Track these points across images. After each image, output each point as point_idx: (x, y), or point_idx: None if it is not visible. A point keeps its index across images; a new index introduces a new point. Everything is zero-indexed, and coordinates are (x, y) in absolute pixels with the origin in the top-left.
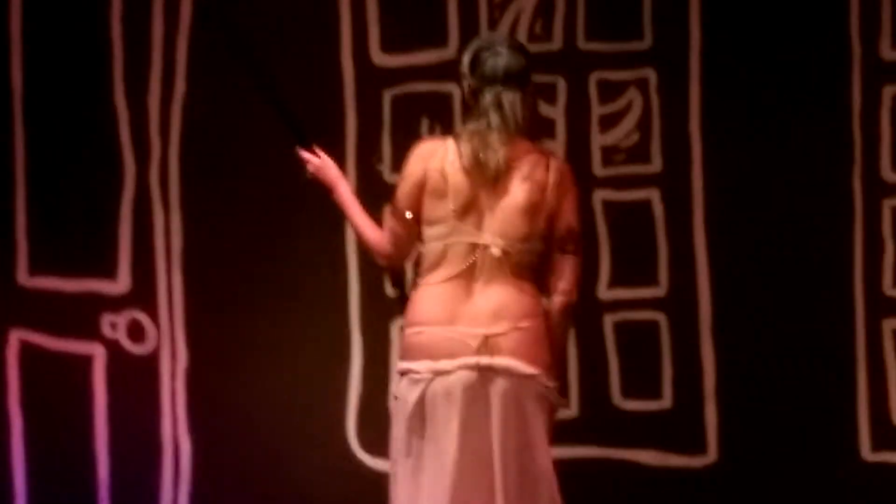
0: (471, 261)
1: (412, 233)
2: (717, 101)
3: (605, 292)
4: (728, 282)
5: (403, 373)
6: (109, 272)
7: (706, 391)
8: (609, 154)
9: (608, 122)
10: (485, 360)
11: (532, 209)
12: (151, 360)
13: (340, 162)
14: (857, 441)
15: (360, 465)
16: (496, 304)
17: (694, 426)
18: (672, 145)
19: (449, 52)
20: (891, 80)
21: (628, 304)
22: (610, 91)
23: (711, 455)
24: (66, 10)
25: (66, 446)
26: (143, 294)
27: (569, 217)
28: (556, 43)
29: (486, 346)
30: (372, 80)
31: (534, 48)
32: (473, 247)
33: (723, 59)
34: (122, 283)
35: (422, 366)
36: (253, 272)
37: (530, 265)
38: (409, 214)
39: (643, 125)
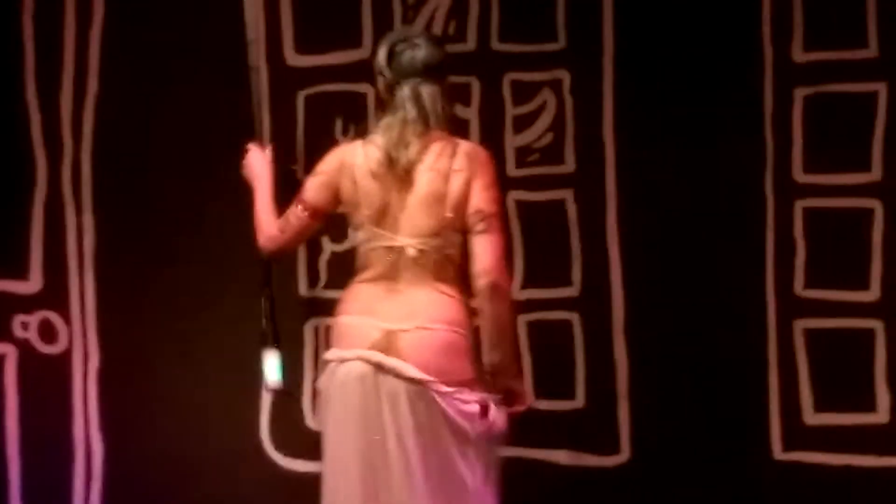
0: (388, 263)
1: (304, 228)
2: (631, 103)
3: (518, 292)
4: (640, 282)
5: (322, 364)
6: (21, 272)
7: (619, 391)
8: (523, 155)
9: (522, 123)
10: (377, 355)
11: (434, 200)
12: (63, 360)
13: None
14: (769, 440)
15: (273, 466)
16: (411, 304)
17: (607, 426)
18: (585, 146)
19: (363, 53)
20: (803, 83)
21: (542, 304)
22: (524, 92)
23: (625, 454)
24: None
25: None
26: (54, 294)
27: (475, 198)
28: (471, 44)
29: (385, 341)
30: (286, 80)
31: (448, 49)
32: (390, 249)
33: (636, 60)
34: (33, 283)
35: (331, 354)
36: (165, 272)
37: (451, 263)
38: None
39: (557, 126)
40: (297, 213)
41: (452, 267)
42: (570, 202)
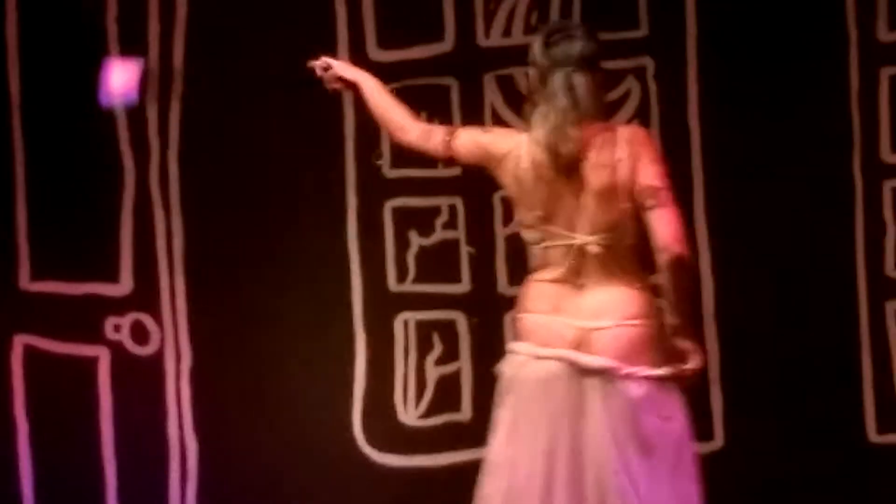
0: (570, 262)
1: (433, 153)
2: (715, 88)
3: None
4: (730, 266)
5: (508, 353)
6: (111, 275)
7: (711, 376)
8: None
9: (607, 111)
10: (576, 354)
11: (609, 194)
12: (156, 362)
13: (341, 158)
14: (864, 423)
15: (367, 461)
16: (600, 301)
17: (700, 412)
18: (671, 132)
19: (445, 46)
20: (888, 62)
21: None
22: (608, 80)
23: (718, 441)
24: (62, 12)
25: (73, 450)
26: (145, 296)
27: (642, 176)
28: None
29: (581, 339)
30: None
31: (530, 40)
32: (569, 248)
33: (719, 46)
34: (124, 285)
35: (522, 347)
36: (254, 272)
37: (632, 251)
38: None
39: (642, 113)
40: (439, 140)
41: (633, 255)
42: None
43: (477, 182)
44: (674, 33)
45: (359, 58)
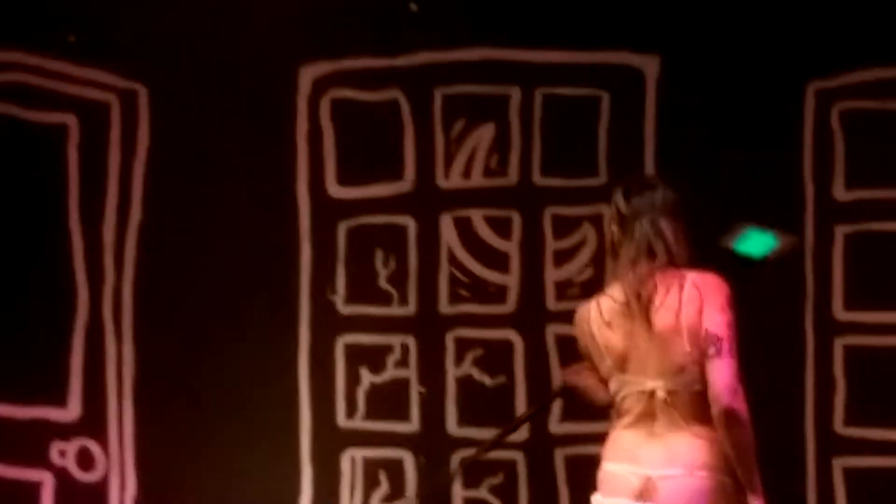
0: (643, 407)
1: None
2: None
3: (556, 426)
4: None
5: None
6: (60, 399)
7: None
8: (563, 288)
9: (562, 257)
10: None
11: (671, 337)
12: (100, 488)
13: (295, 291)
14: None
15: None
16: (669, 449)
17: None
18: None
19: (405, 186)
20: (843, 220)
21: (579, 438)
22: (564, 226)
23: None
24: (22, 136)
25: None
26: (93, 422)
27: (707, 321)
28: (512, 178)
29: (644, 489)
30: (328, 211)
31: (489, 183)
32: (642, 394)
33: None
34: (72, 410)
35: (595, 499)
36: (204, 402)
37: (702, 398)
38: None
39: (598, 260)
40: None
41: (704, 402)
42: None
43: (430, 322)
44: None
45: (318, 193)
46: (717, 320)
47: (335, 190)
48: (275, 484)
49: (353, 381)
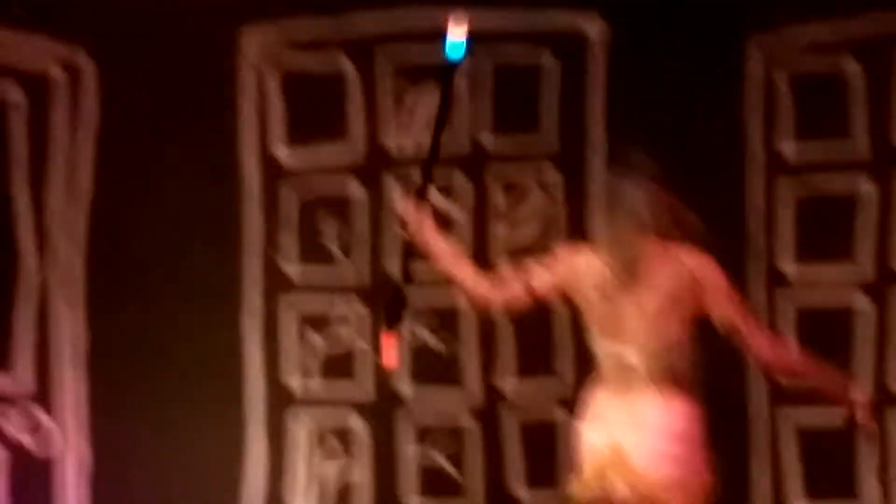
0: (620, 374)
1: (520, 300)
2: None
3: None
4: None
5: None
6: (6, 368)
7: None
8: (513, 254)
9: (511, 222)
10: (608, 468)
11: (662, 314)
12: (55, 463)
13: (241, 254)
14: None
15: None
16: (640, 416)
17: None
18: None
19: (351, 148)
20: (788, 173)
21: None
22: (513, 190)
23: None
24: None
25: None
26: (43, 392)
27: (721, 311)
28: (460, 141)
29: (614, 453)
30: (273, 174)
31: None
32: (619, 361)
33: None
34: (21, 379)
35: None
36: (155, 367)
37: (680, 375)
38: None
39: (546, 224)
40: (519, 287)
41: (678, 381)
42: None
43: (378, 285)
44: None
45: (263, 155)
46: (728, 305)
47: (281, 152)
48: (224, 446)
49: (300, 341)
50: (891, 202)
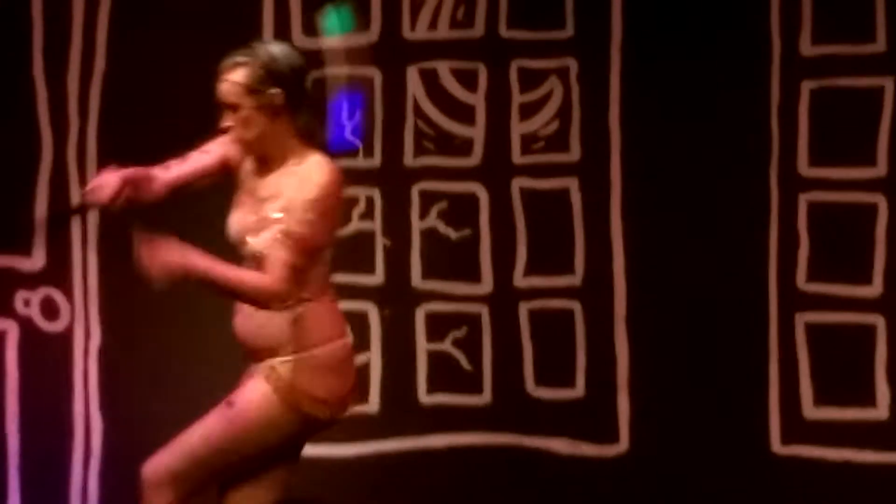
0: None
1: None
2: (637, 93)
3: (521, 280)
4: (643, 272)
5: None
6: (24, 249)
7: (619, 381)
8: (528, 142)
9: (528, 111)
10: None
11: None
12: (64, 338)
13: None
14: (769, 434)
15: None
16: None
17: (606, 416)
18: (591, 135)
19: (371, 37)
20: (810, 76)
21: (544, 292)
22: (531, 79)
23: (623, 444)
24: None
25: None
26: (57, 271)
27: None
28: (478, 30)
29: None
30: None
31: (455, 35)
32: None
33: (643, 50)
34: (36, 259)
35: None
36: None
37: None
38: None
39: (563, 114)
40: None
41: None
42: (575, 190)
43: (395, 174)
44: (599, 35)
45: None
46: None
47: (300, 40)
48: (230, 329)
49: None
50: None
